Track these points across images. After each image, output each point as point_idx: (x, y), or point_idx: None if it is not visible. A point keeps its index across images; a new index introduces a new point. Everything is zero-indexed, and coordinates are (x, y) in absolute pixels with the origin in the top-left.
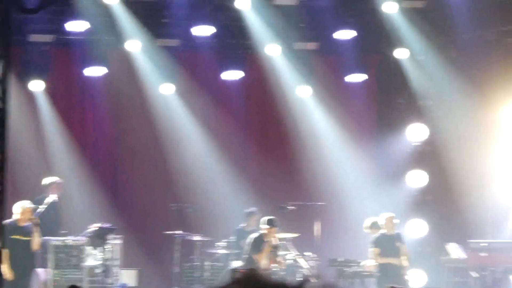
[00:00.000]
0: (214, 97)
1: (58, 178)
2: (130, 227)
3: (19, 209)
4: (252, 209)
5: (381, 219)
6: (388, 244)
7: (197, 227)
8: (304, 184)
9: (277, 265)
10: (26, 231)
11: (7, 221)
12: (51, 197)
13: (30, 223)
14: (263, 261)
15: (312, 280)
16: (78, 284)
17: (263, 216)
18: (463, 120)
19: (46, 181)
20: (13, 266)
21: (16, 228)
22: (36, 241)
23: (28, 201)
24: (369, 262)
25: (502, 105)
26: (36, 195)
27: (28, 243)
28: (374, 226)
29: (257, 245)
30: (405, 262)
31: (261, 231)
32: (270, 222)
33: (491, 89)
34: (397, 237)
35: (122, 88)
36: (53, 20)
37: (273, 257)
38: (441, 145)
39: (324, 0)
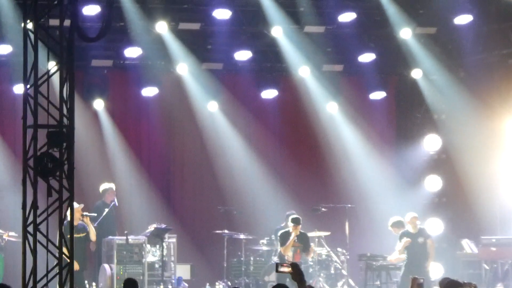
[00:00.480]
0: (253, 113)
1: (113, 184)
2: (183, 227)
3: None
4: (291, 211)
5: (406, 218)
6: (411, 240)
7: (242, 227)
8: (334, 188)
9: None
10: (79, 229)
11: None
12: (109, 203)
13: (81, 221)
14: (288, 253)
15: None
16: (139, 278)
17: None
18: (472, 131)
19: (103, 187)
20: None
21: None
22: (92, 233)
23: (74, 202)
24: (394, 256)
25: (505, 117)
26: (99, 199)
27: (82, 239)
28: (397, 224)
29: (283, 240)
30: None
31: (288, 228)
32: (294, 221)
33: (495, 104)
34: (420, 234)
35: (173, 106)
36: (111, 47)
37: (299, 251)
38: (453, 153)
39: (348, 27)
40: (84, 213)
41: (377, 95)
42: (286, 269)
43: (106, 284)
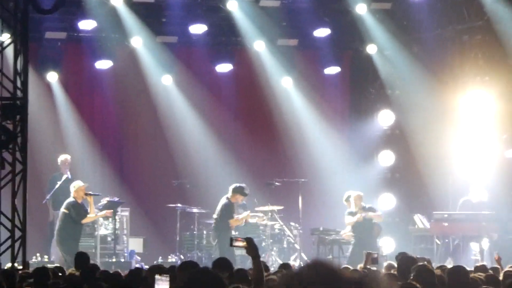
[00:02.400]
0: (208, 87)
1: (68, 155)
2: (137, 201)
3: (72, 189)
4: (243, 185)
5: (350, 195)
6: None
7: (195, 201)
8: (288, 163)
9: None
10: (85, 207)
11: (71, 201)
12: (65, 174)
13: (85, 199)
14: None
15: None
16: (91, 251)
17: (250, 192)
18: (425, 107)
19: (59, 158)
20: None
21: (79, 205)
22: (92, 212)
23: (79, 180)
24: (347, 231)
25: (458, 93)
26: (52, 172)
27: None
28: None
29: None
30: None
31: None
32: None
33: (448, 80)
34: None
35: (127, 79)
36: (65, 19)
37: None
38: (407, 129)
39: (303, 2)
40: (89, 192)
41: (332, 70)
42: (241, 244)
43: (58, 257)
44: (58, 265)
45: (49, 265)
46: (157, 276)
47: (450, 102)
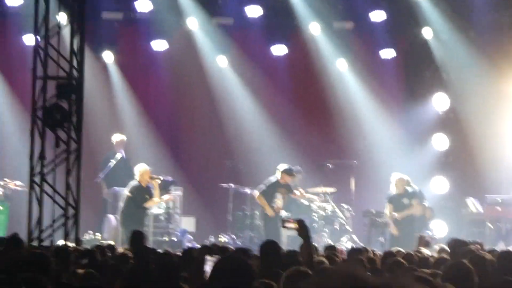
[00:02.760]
0: (263, 69)
1: (123, 136)
2: (189, 180)
3: (137, 173)
4: (297, 167)
5: (392, 179)
6: (397, 201)
7: (248, 181)
8: (342, 145)
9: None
10: (147, 191)
11: (136, 184)
12: (119, 154)
13: (149, 183)
14: (278, 202)
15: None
16: (144, 229)
17: (304, 174)
18: (480, 91)
19: (114, 138)
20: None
21: (143, 189)
22: (157, 196)
23: (144, 164)
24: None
25: None
26: (107, 151)
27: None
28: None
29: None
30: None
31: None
32: (286, 171)
33: (503, 65)
34: (405, 195)
35: (182, 61)
36: (122, 0)
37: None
38: (461, 112)
39: None
40: (153, 176)
41: (387, 53)
42: (292, 225)
43: (110, 235)
44: (111, 242)
45: (102, 242)
46: (207, 257)
47: (505, 87)
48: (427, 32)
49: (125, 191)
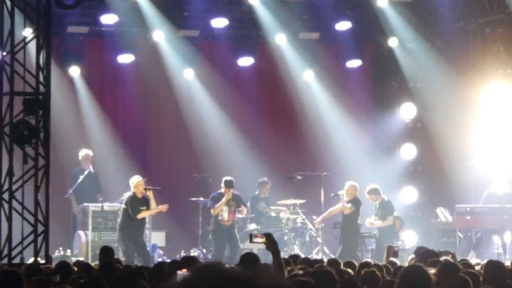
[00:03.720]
0: (230, 81)
1: (89, 151)
2: (159, 195)
3: (131, 184)
4: (264, 179)
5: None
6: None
7: None
8: (310, 156)
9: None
10: (142, 202)
11: (130, 195)
12: (87, 169)
13: (144, 193)
14: (221, 213)
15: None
16: (114, 245)
17: (272, 185)
18: (447, 100)
19: (80, 153)
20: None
21: (137, 200)
22: (153, 206)
23: (138, 175)
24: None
25: (480, 86)
26: (75, 167)
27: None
28: (373, 191)
29: (215, 202)
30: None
31: (220, 190)
32: (227, 184)
33: (470, 73)
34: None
35: (149, 73)
36: (87, 14)
37: (233, 209)
38: (429, 122)
39: None
40: (148, 187)
41: (354, 63)
42: (260, 240)
43: (81, 251)
44: (81, 259)
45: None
46: (179, 272)
47: (472, 95)
48: (392, 41)
49: (122, 205)
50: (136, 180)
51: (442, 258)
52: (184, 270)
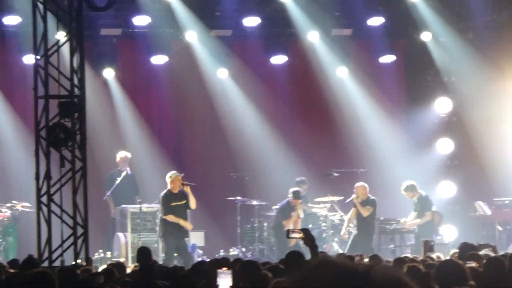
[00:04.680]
0: (263, 79)
1: (128, 153)
2: (196, 195)
3: (168, 179)
4: (302, 178)
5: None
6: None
7: (255, 193)
8: (346, 153)
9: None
10: (180, 196)
11: (164, 192)
12: (124, 170)
13: (182, 188)
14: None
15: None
16: (153, 246)
17: (310, 184)
18: (482, 92)
19: (118, 155)
20: (177, 226)
21: (172, 195)
22: (192, 201)
23: (174, 171)
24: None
25: None
26: (112, 169)
27: (182, 206)
28: (410, 188)
29: (286, 213)
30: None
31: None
32: (295, 195)
33: (504, 65)
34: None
35: (183, 74)
36: (120, 16)
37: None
38: (465, 115)
39: None
40: (185, 182)
41: (387, 58)
42: (298, 235)
43: (120, 252)
44: (122, 260)
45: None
46: (219, 270)
47: (507, 87)
48: (425, 36)
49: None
50: (174, 175)
51: (482, 252)
52: (224, 269)
